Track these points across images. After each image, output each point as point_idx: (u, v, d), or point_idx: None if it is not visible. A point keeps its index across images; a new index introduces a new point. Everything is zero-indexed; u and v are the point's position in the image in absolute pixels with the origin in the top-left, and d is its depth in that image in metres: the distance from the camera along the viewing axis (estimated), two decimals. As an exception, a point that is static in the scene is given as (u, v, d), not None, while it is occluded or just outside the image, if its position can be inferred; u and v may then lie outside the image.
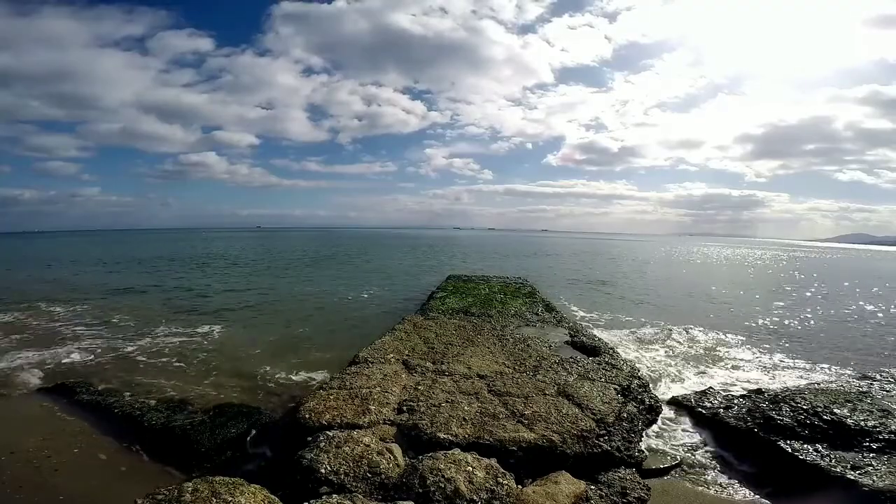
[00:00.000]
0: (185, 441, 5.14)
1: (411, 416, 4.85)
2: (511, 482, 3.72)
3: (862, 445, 4.68)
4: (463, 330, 9.05)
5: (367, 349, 7.29)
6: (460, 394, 5.53)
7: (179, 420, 5.57)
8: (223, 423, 5.45)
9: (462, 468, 3.73)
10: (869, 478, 4.09)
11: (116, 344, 9.74)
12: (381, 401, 5.19)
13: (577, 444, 4.46)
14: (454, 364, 6.71)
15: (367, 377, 5.94)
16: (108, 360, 8.66)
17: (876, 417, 5.11)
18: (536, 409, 5.10)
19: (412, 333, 8.55)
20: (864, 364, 9.02)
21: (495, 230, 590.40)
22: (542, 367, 6.76)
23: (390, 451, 4.03)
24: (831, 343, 11.03)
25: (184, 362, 8.53)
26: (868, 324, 13.74)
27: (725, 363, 8.93)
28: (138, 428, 5.56)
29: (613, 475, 4.21)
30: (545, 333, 9.16)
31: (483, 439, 4.41)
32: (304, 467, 3.82)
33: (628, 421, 5.12)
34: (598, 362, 7.11)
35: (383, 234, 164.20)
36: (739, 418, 5.41)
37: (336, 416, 4.75)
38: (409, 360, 6.90)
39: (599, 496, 3.90)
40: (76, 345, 9.65)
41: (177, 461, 4.87)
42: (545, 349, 7.82)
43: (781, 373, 8.40)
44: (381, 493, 3.60)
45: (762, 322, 13.43)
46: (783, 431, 4.97)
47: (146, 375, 7.77)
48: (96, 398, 6.41)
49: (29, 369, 8.00)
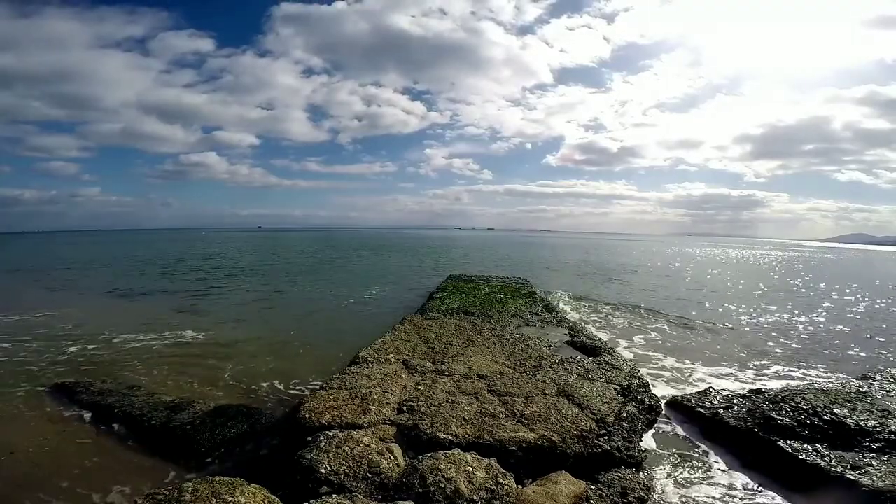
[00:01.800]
0: (185, 441, 5.14)
1: (411, 416, 4.85)
2: (511, 482, 3.72)
3: (862, 445, 4.68)
4: (463, 330, 9.05)
5: (367, 349, 7.28)
6: (460, 394, 5.53)
7: (180, 420, 5.57)
8: (223, 423, 5.45)
9: (462, 468, 3.73)
10: (869, 478, 4.09)
11: (117, 344, 9.74)
12: (381, 401, 5.19)
13: (577, 444, 4.46)
14: (454, 364, 6.71)
15: (367, 377, 5.93)
16: (109, 360, 8.66)
17: (876, 417, 5.11)
18: (536, 409, 5.10)
19: (412, 333, 8.55)
20: (864, 364, 9.02)
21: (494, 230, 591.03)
22: (542, 367, 6.75)
23: (390, 451, 4.03)
24: (832, 343, 11.04)
25: (184, 362, 8.52)
26: (868, 324, 13.73)
27: (726, 363, 8.94)
28: (138, 428, 5.56)
29: (613, 475, 4.21)
30: (545, 333, 9.16)
31: (483, 439, 4.41)
32: (304, 467, 3.81)
33: (628, 421, 5.12)
34: (598, 362, 7.11)
35: (383, 234, 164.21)
36: (739, 418, 5.41)
37: (336, 416, 4.75)
38: (409, 360, 6.90)
39: (599, 496, 3.90)
40: (76, 344, 9.66)
41: (177, 461, 4.87)
42: (545, 349, 7.82)
43: (781, 373, 8.40)
44: (381, 493, 3.60)
45: (763, 323, 13.43)
46: (783, 431, 4.97)
47: (146, 375, 7.76)
48: (96, 398, 6.40)
49: (29, 369, 8.01)
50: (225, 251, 46.79)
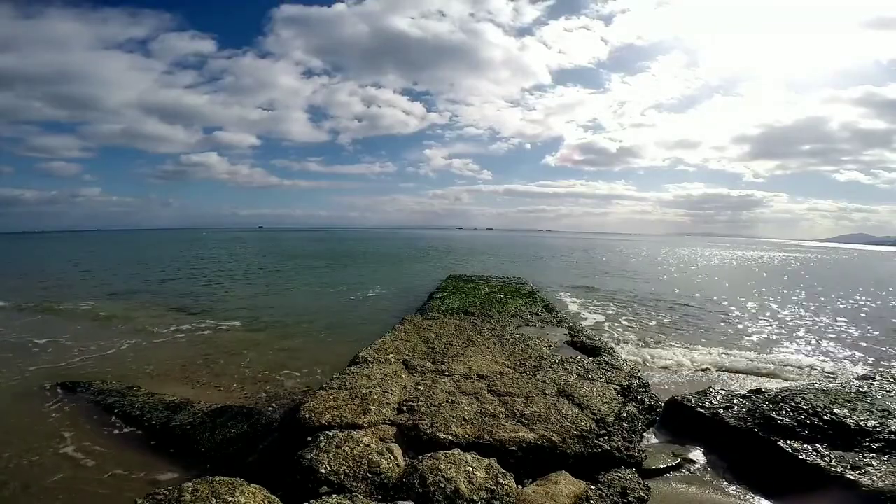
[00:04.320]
0: (185, 441, 5.14)
1: (411, 416, 4.84)
2: (511, 482, 3.72)
3: (862, 445, 4.67)
4: (463, 330, 9.05)
5: (367, 349, 7.28)
6: (460, 394, 5.53)
7: (179, 420, 5.57)
8: (223, 423, 5.45)
9: (462, 468, 3.73)
10: (869, 478, 4.08)
11: (117, 344, 9.74)
12: (381, 401, 5.18)
13: (577, 444, 4.46)
14: (454, 364, 6.71)
15: (367, 377, 5.93)
16: (109, 360, 8.66)
17: (876, 417, 5.10)
18: (536, 409, 5.10)
19: (412, 333, 8.55)
20: (864, 364, 9.02)
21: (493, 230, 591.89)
22: (542, 367, 6.75)
23: (390, 451, 4.03)
24: (833, 343, 11.03)
25: (184, 363, 8.53)
26: (868, 324, 13.73)
27: (726, 363, 8.93)
28: (138, 428, 5.57)
29: (613, 475, 4.20)
30: (545, 333, 9.16)
31: (483, 439, 4.40)
32: (304, 467, 3.81)
33: (628, 421, 5.11)
34: (598, 362, 7.11)
35: (384, 233, 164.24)
36: (739, 418, 5.40)
37: (336, 416, 4.75)
38: (409, 360, 6.90)
39: (599, 496, 3.89)
40: (76, 344, 9.66)
41: (177, 461, 4.88)
42: (545, 349, 7.82)
43: (781, 373, 8.40)
44: (381, 493, 3.60)
45: (763, 322, 13.43)
46: (783, 431, 4.96)
47: (146, 375, 7.77)
48: (96, 398, 6.41)
49: (29, 369, 8.01)
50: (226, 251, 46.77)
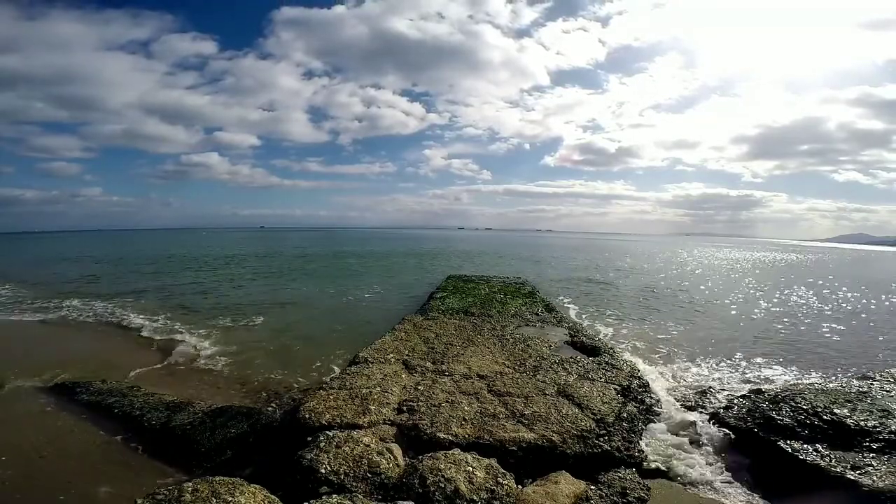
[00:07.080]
0: (185, 441, 5.14)
1: (411, 416, 4.84)
2: (511, 482, 3.72)
3: (862, 445, 4.68)
4: (463, 330, 9.05)
5: (368, 349, 7.28)
6: (460, 394, 5.53)
7: (179, 420, 5.57)
8: (223, 424, 5.45)
9: (462, 468, 3.73)
10: (869, 478, 4.09)
11: (116, 343, 9.74)
12: (381, 401, 5.18)
13: (577, 444, 4.46)
14: (454, 364, 6.71)
15: (367, 377, 5.93)
16: (109, 360, 8.65)
17: (876, 417, 5.11)
18: (536, 409, 5.10)
19: (412, 333, 8.55)
20: (864, 364, 9.01)
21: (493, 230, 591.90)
22: (542, 367, 6.75)
23: (390, 451, 4.03)
24: (833, 343, 11.02)
25: (184, 363, 8.53)
26: (869, 324, 13.72)
27: (725, 363, 8.93)
28: (138, 428, 5.56)
29: (613, 475, 4.20)
30: (545, 333, 9.16)
31: (483, 439, 4.41)
32: (305, 467, 3.81)
33: (628, 421, 5.12)
34: (598, 362, 7.11)
35: (384, 233, 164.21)
36: (739, 418, 5.40)
37: (336, 416, 4.75)
38: (409, 360, 6.89)
39: (599, 496, 3.89)
40: (76, 344, 9.65)
41: (177, 461, 4.87)
42: (545, 349, 7.81)
43: (781, 373, 8.40)
44: (381, 493, 3.60)
45: (764, 322, 13.42)
46: (783, 431, 4.97)
47: (146, 375, 7.77)
48: (96, 398, 6.40)
49: (28, 368, 8.00)
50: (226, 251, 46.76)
